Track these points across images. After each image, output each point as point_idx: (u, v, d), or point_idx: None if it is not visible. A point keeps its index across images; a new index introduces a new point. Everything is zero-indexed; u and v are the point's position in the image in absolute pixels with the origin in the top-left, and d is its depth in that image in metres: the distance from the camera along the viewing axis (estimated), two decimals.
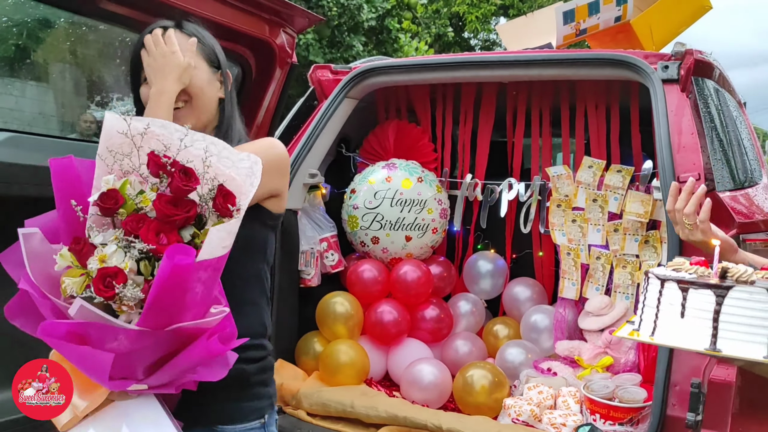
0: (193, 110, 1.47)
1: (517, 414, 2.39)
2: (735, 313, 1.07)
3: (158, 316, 1.09)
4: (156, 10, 1.98)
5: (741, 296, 1.07)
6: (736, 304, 1.07)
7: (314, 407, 2.51)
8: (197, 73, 1.48)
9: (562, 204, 2.89)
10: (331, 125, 2.94)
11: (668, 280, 1.14)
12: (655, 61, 2.40)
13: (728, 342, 1.08)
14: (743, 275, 1.09)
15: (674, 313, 1.13)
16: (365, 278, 2.92)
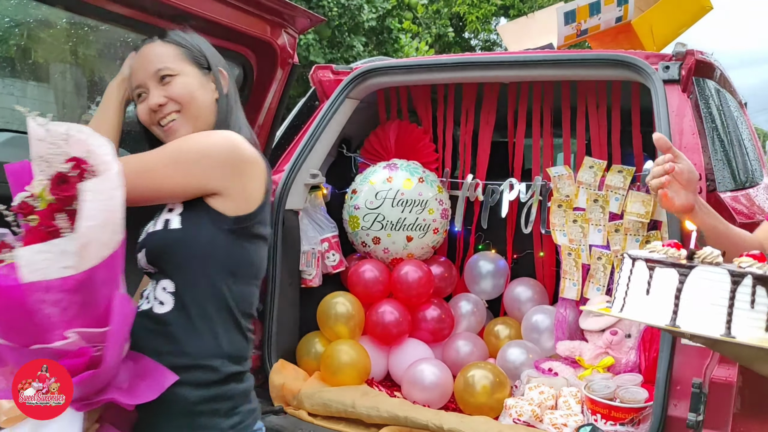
0: (187, 119, 1.46)
1: (519, 414, 2.39)
2: (695, 291, 1.10)
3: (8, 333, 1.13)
4: (157, 10, 1.98)
5: (702, 276, 1.10)
6: (697, 283, 1.10)
7: (315, 407, 2.51)
8: (184, 80, 1.47)
9: (563, 204, 2.89)
10: (333, 125, 2.94)
11: (638, 259, 1.19)
12: (656, 61, 2.40)
13: (688, 319, 1.10)
14: (709, 256, 1.12)
15: (641, 290, 1.17)
16: (366, 278, 2.92)
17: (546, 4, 12.51)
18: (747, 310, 1.07)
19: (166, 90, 1.46)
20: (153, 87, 1.46)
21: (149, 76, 1.47)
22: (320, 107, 2.97)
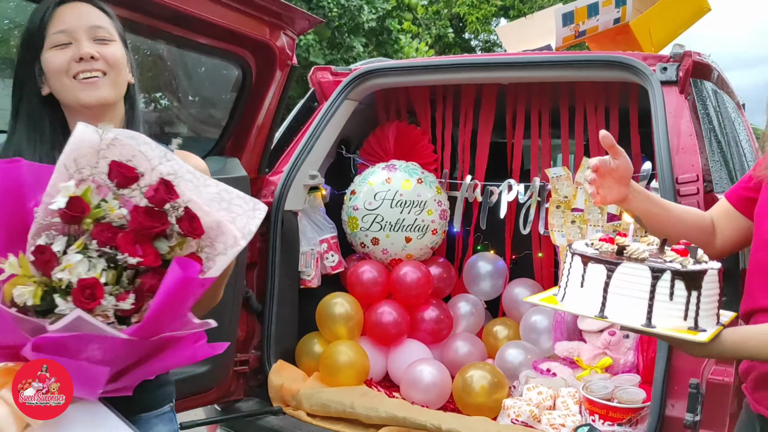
0: (111, 83, 1.37)
1: (517, 414, 2.39)
2: (620, 285, 1.21)
3: (152, 326, 1.08)
4: (157, 12, 1.99)
5: (626, 271, 1.21)
6: (621, 278, 1.21)
7: (314, 408, 2.52)
8: (118, 49, 1.39)
9: (561, 205, 2.89)
10: (332, 127, 2.95)
11: (575, 254, 1.30)
12: (653, 62, 2.41)
13: (614, 311, 1.21)
14: (635, 252, 1.22)
15: (576, 283, 1.28)
16: (365, 279, 2.93)
17: (546, 5, 12.52)
18: (666, 302, 1.18)
19: (102, 48, 1.36)
20: (84, 40, 1.35)
21: (83, 28, 1.36)
22: (319, 108, 2.98)
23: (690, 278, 1.18)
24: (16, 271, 1.08)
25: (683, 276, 1.18)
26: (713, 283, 1.23)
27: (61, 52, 1.33)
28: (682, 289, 1.18)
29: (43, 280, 1.07)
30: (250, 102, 2.53)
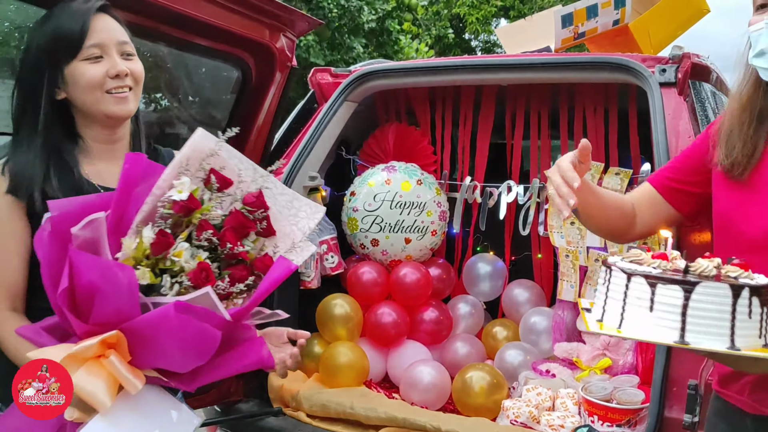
0: (136, 96, 1.50)
1: (516, 415, 2.40)
2: (701, 307, 1.12)
3: (247, 312, 1.30)
4: (157, 14, 2.00)
5: (706, 291, 1.12)
6: (701, 299, 1.13)
7: (314, 408, 2.53)
8: (138, 61, 1.50)
9: None
10: (331, 128, 2.96)
11: (635, 274, 1.18)
12: (652, 64, 2.42)
13: (695, 335, 1.13)
14: (705, 270, 1.16)
15: (642, 306, 1.17)
16: (365, 280, 2.94)
17: (546, 6, 12.53)
18: (745, 321, 1.12)
19: (129, 65, 1.47)
20: (116, 55, 1.45)
21: (114, 43, 1.46)
22: (319, 110, 2.98)
23: (763, 293, 1.14)
24: (131, 254, 1.23)
25: (758, 291, 1.13)
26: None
27: (93, 66, 1.42)
28: (758, 306, 1.13)
29: (151, 262, 1.23)
30: (250, 103, 2.53)
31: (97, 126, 1.49)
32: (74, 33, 1.41)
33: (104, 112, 1.46)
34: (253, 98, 2.53)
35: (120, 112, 1.47)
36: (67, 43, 1.42)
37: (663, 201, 1.56)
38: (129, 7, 1.82)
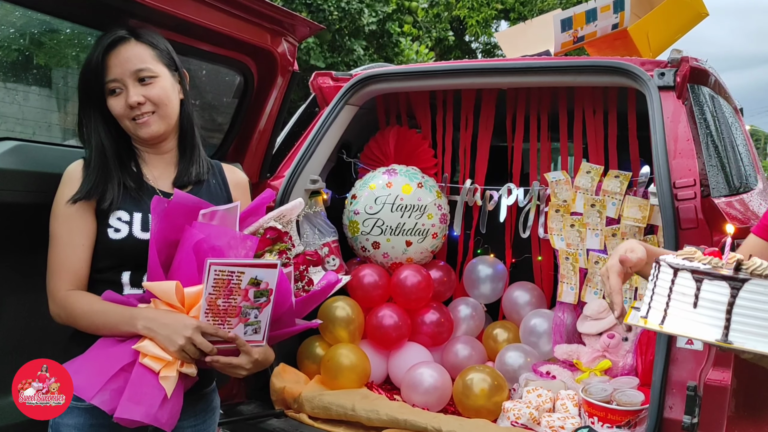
0: (160, 117, 1.61)
1: (516, 417, 2.42)
2: (749, 306, 1.07)
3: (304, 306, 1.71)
4: (158, 20, 2.01)
5: (756, 290, 1.07)
6: (750, 297, 1.07)
7: (316, 410, 2.54)
8: (162, 83, 1.61)
9: (560, 209, 2.92)
10: (332, 131, 2.98)
11: (682, 269, 1.13)
12: (651, 68, 2.44)
13: (740, 335, 1.07)
14: (759, 269, 1.08)
15: (686, 302, 1.12)
16: (366, 283, 2.95)
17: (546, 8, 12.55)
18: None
19: (146, 90, 1.59)
20: (131, 85, 1.58)
21: (128, 75, 1.58)
22: (320, 113, 3.00)
23: None
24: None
25: None
26: None
27: (116, 100, 1.59)
28: None
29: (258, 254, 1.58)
30: (252, 108, 2.55)
31: (144, 145, 1.67)
32: (94, 73, 1.59)
33: (137, 136, 1.63)
34: (255, 102, 2.54)
35: (145, 135, 1.62)
36: (92, 80, 1.60)
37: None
38: (133, 15, 1.84)
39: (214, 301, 1.44)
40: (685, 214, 2.15)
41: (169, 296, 1.45)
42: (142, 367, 1.41)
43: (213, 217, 1.58)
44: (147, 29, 1.67)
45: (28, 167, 1.82)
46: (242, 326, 1.51)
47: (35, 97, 3.90)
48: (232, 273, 1.43)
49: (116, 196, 1.59)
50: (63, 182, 1.61)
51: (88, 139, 1.64)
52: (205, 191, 1.72)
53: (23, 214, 1.77)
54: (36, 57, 3.24)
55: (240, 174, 1.88)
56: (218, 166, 1.83)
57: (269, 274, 1.47)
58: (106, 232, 1.57)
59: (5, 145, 1.86)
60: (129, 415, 1.37)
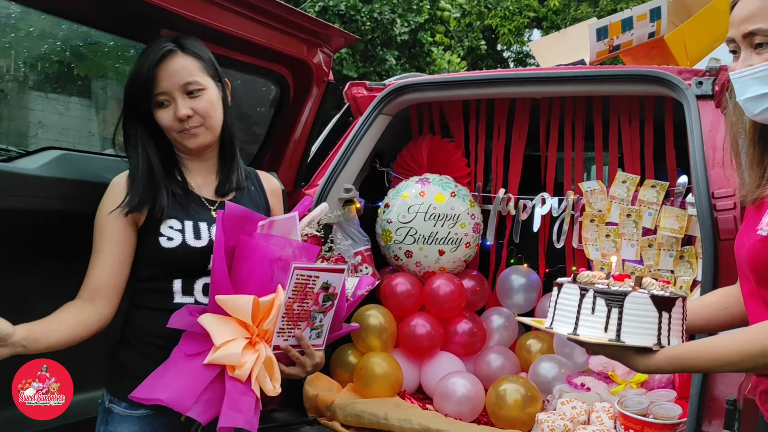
0: (207, 129, 1.66)
1: (550, 429, 2.39)
2: (561, 302, 1.44)
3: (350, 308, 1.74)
4: (198, 32, 2.05)
5: (565, 291, 1.44)
6: (562, 296, 1.44)
7: (348, 418, 2.55)
8: (209, 96, 1.65)
9: (595, 219, 2.89)
10: (366, 141, 3.00)
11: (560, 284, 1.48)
12: (689, 77, 2.41)
13: (556, 323, 1.44)
14: (585, 278, 1.42)
15: (553, 305, 1.48)
16: (399, 292, 2.96)
17: (580, 16, 12.47)
18: (589, 315, 1.36)
19: (194, 103, 1.62)
20: (179, 98, 1.62)
21: (177, 88, 1.62)
22: (354, 123, 3.03)
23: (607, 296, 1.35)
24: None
25: (604, 294, 1.35)
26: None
27: (164, 113, 1.63)
28: (603, 305, 1.35)
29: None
30: (288, 118, 2.58)
31: (188, 154, 1.72)
32: (142, 86, 1.62)
33: (183, 147, 1.68)
34: (291, 113, 2.58)
35: (193, 146, 1.67)
36: (140, 93, 1.63)
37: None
38: (175, 27, 1.88)
39: (291, 305, 1.51)
40: (724, 225, 2.11)
41: (243, 313, 1.50)
42: (232, 379, 1.48)
43: (270, 227, 1.62)
44: (191, 40, 1.71)
45: (70, 176, 1.87)
46: (308, 330, 1.57)
47: (76, 108, 4.00)
48: (309, 277, 1.50)
49: (167, 205, 1.62)
50: (108, 193, 1.65)
51: (134, 151, 1.67)
52: (247, 198, 1.77)
53: (64, 222, 1.82)
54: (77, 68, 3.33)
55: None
56: (254, 173, 1.88)
57: (337, 279, 1.55)
58: (158, 241, 1.61)
59: (50, 155, 1.91)
60: (232, 424, 1.44)
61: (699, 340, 1.35)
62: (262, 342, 1.54)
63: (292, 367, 1.61)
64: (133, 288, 1.69)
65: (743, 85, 1.31)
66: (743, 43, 1.30)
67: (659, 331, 1.33)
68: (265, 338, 1.54)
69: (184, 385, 1.48)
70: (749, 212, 1.44)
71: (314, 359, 1.61)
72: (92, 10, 1.88)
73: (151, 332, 1.63)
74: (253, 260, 1.57)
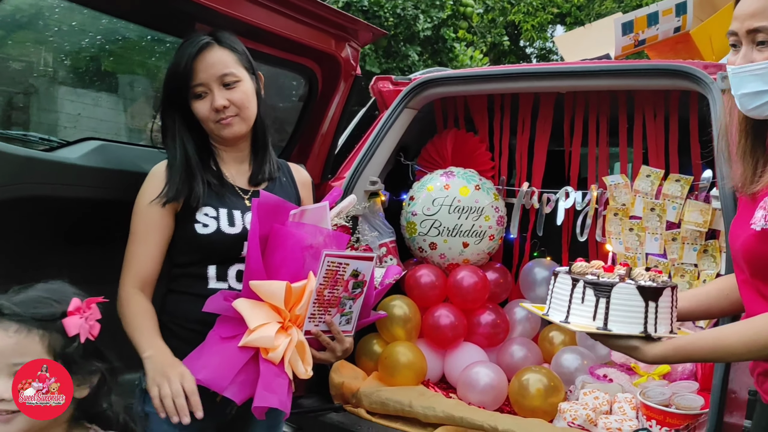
0: (242, 119, 1.72)
1: (573, 418, 2.42)
2: (556, 292, 1.53)
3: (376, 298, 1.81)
4: (231, 26, 2.11)
5: (559, 280, 1.53)
6: (556, 286, 1.53)
7: (374, 406, 2.60)
8: (244, 87, 1.72)
9: (619, 213, 2.91)
10: (391, 134, 3.04)
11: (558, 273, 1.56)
12: (714, 71, 2.42)
13: (552, 312, 1.54)
14: (578, 269, 1.50)
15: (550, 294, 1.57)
16: (423, 283, 3.01)
17: (604, 12, 12.37)
18: (579, 305, 1.43)
19: (230, 94, 1.70)
20: (216, 89, 1.69)
21: (213, 79, 1.70)
22: (380, 116, 3.07)
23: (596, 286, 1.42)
24: None
25: (593, 285, 1.42)
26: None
27: (201, 103, 1.70)
28: (592, 295, 1.42)
29: None
30: (316, 111, 2.63)
31: (223, 143, 1.78)
32: (181, 78, 1.69)
33: (219, 136, 1.75)
34: (319, 106, 2.63)
35: (228, 135, 1.73)
36: (179, 85, 1.70)
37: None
38: (209, 22, 1.94)
39: (322, 291, 1.56)
40: None
41: (276, 298, 1.56)
42: (266, 361, 1.54)
43: (302, 216, 1.68)
44: (227, 34, 1.77)
45: (109, 165, 1.94)
46: (338, 316, 1.63)
47: (115, 100, 4.11)
48: (339, 264, 1.56)
49: (203, 194, 1.69)
50: (147, 182, 1.72)
51: (172, 141, 1.74)
52: (279, 188, 1.83)
53: (103, 210, 1.88)
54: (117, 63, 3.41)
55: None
56: (285, 165, 1.94)
57: (366, 267, 1.61)
58: (194, 228, 1.67)
59: (90, 145, 1.99)
60: (266, 404, 1.51)
61: (705, 331, 1.42)
62: (294, 326, 1.59)
63: (322, 352, 1.67)
64: (169, 274, 1.76)
65: (741, 80, 1.33)
66: (746, 38, 1.32)
67: (645, 320, 1.39)
68: (297, 323, 1.60)
69: (220, 366, 1.55)
70: (743, 202, 1.47)
71: (344, 344, 1.67)
72: (134, 7, 1.96)
73: (186, 317, 1.69)
74: (285, 247, 1.62)
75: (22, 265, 1.79)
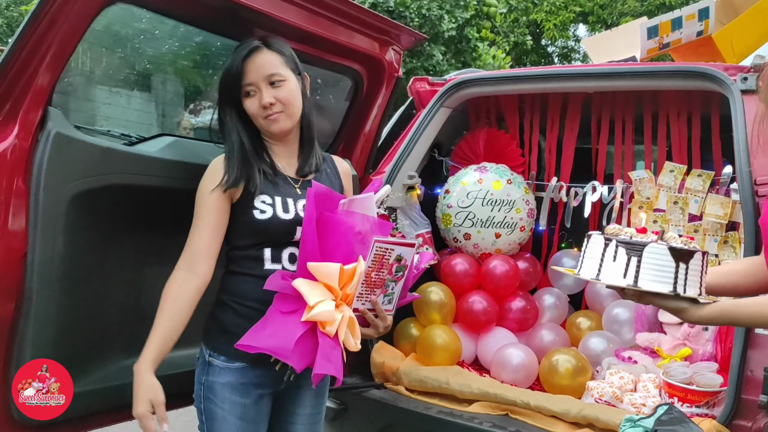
0: (288, 116, 1.89)
1: (600, 395, 2.60)
2: (589, 251, 1.61)
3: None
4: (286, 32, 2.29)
5: (593, 240, 1.60)
6: (590, 245, 1.61)
7: (413, 383, 2.79)
8: (290, 86, 1.89)
9: (643, 206, 3.07)
10: (428, 132, 3.23)
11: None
12: (734, 73, 2.57)
13: (584, 270, 1.61)
14: (611, 230, 1.58)
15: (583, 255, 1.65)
16: (457, 271, 3.20)
17: (627, 11, 12.44)
18: (611, 263, 1.51)
19: (276, 92, 1.87)
20: (264, 88, 1.87)
21: (261, 79, 1.87)
22: (417, 115, 3.26)
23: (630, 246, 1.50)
24: None
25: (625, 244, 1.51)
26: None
27: (251, 101, 1.89)
28: (624, 255, 1.50)
29: None
30: (360, 110, 2.80)
31: (273, 138, 1.95)
32: (233, 77, 1.88)
33: (267, 131, 1.92)
34: (363, 106, 2.80)
35: (276, 130, 1.90)
36: (232, 83, 1.90)
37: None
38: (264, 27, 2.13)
39: (369, 273, 1.74)
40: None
41: (331, 278, 1.72)
42: (323, 334, 1.71)
43: (350, 205, 1.87)
44: (275, 39, 1.98)
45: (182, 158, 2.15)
46: (382, 296, 1.81)
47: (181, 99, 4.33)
48: (386, 250, 1.73)
49: (260, 181, 1.88)
50: (207, 173, 1.90)
51: (229, 136, 1.93)
52: (325, 179, 2.02)
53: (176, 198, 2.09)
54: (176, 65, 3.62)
55: (347, 166, 2.19)
56: (330, 158, 2.14)
57: (408, 252, 1.78)
58: (252, 214, 1.85)
59: (164, 141, 2.21)
60: (325, 371, 1.68)
61: (748, 299, 1.52)
62: (344, 304, 1.77)
63: (367, 328, 1.86)
64: (227, 256, 1.95)
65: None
66: None
67: (675, 280, 1.46)
68: (347, 301, 1.78)
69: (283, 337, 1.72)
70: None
71: (386, 322, 1.86)
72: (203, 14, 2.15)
73: (246, 295, 1.88)
74: (337, 233, 1.81)
75: (111, 245, 2.02)
